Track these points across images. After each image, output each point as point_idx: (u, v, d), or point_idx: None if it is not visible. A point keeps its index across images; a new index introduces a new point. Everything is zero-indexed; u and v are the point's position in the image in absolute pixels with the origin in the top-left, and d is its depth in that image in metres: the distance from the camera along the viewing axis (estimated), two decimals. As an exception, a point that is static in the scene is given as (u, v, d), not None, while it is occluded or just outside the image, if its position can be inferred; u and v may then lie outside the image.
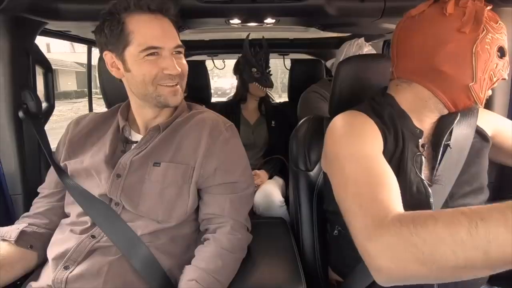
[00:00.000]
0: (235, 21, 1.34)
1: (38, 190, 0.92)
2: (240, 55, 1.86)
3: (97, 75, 1.16)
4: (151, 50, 0.76)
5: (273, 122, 1.88)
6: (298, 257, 0.89)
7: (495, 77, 0.72)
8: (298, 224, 1.01)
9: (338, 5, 1.12)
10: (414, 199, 0.73)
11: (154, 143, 0.83)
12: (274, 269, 0.81)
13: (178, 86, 0.82)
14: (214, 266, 0.74)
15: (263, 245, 0.91)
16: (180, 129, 0.85)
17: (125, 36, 0.76)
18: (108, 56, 0.81)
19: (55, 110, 1.23)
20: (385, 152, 0.73)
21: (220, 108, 1.85)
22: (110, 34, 0.77)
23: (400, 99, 0.79)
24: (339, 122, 0.79)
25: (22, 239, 0.80)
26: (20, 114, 1.00)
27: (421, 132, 0.77)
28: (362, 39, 1.60)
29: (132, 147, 0.85)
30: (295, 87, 2.17)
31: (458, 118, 0.78)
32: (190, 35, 1.89)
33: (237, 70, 1.89)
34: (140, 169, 0.80)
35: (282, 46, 2.35)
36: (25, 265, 0.81)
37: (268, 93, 2.06)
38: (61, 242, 0.78)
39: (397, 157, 0.75)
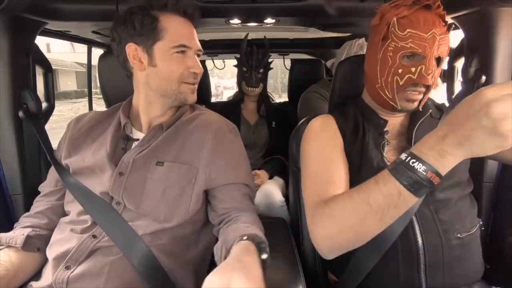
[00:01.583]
0: (235, 21, 1.34)
1: (39, 188, 0.92)
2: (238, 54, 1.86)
3: (97, 75, 1.16)
4: (181, 48, 0.81)
5: (273, 122, 1.88)
6: (298, 257, 0.89)
7: (401, 80, 0.80)
8: (298, 224, 1.01)
9: (338, 5, 1.12)
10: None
11: (157, 142, 0.83)
12: (274, 269, 0.81)
13: (195, 85, 0.87)
14: (252, 224, 0.77)
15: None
16: (184, 128, 0.85)
17: (157, 32, 0.80)
18: (132, 48, 0.82)
19: (55, 110, 1.23)
20: (346, 144, 0.86)
21: (220, 108, 1.85)
22: (140, 28, 0.80)
23: (366, 99, 0.93)
24: (311, 125, 0.91)
25: (28, 243, 0.80)
26: (20, 114, 1.00)
27: (385, 121, 0.88)
28: (363, 39, 1.60)
29: (133, 145, 0.86)
30: (295, 87, 2.16)
31: (427, 114, 0.87)
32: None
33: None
34: (143, 168, 0.80)
35: (282, 46, 2.35)
36: (35, 267, 0.82)
37: (268, 93, 2.06)
38: (62, 242, 0.78)
39: (358, 145, 0.85)
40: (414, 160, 0.56)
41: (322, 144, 0.85)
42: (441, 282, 0.77)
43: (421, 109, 0.84)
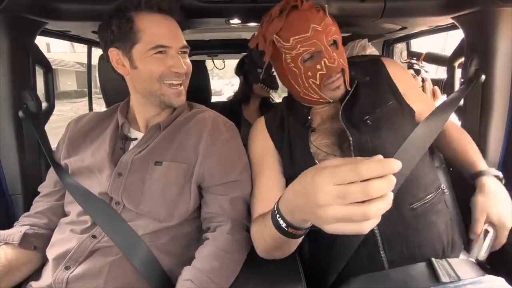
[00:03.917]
0: (235, 21, 1.34)
1: (38, 189, 0.92)
2: (240, 55, 1.85)
3: (97, 75, 1.16)
4: (159, 49, 0.78)
5: (273, 122, 1.87)
6: (298, 257, 0.89)
7: (316, 80, 0.83)
8: (298, 224, 1.00)
9: (338, 5, 1.12)
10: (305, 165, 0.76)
11: (155, 142, 0.83)
12: (274, 269, 0.81)
13: (182, 87, 0.83)
14: (210, 267, 0.74)
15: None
16: (181, 128, 0.85)
17: (134, 34, 0.78)
18: (114, 53, 0.81)
19: (55, 110, 1.23)
20: (275, 142, 0.90)
21: (220, 108, 1.84)
22: (118, 31, 0.78)
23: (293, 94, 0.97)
24: (251, 128, 0.98)
25: (25, 240, 0.80)
26: (20, 114, 1.00)
27: (309, 108, 0.92)
28: (366, 40, 1.59)
29: (132, 145, 0.86)
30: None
31: (352, 89, 0.89)
32: (190, 35, 1.89)
33: (240, 70, 1.87)
34: (141, 168, 0.80)
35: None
36: (31, 266, 0.82)
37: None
38: (62, 242, 0.78)
39: (286, 139, 0.89)
40: (278, 216, 0.57)
41: (254, 151, 0.92)
42: (402, 256, 0.75)
43: (349, 88, 0.88)
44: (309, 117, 0.90)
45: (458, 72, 1.16)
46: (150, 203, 0.79)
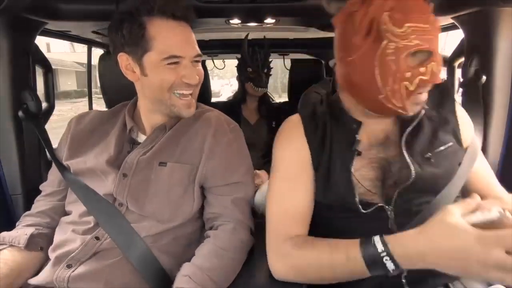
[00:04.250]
0: (235, 21, 1.34)
1: (40, 187, 0.91)
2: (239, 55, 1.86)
3: (97, 75, 1.16)
4: (172, 59, 0.75)
5: (273, 123, 1.88)
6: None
7: (412, 85, 0.65)
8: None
9: (338, 5, 1.11)
10: (346, 202, 0.70)
11: (160, 143, 0.82)
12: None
13: (192, 98, 0.81)
14: (210, 265, 0.73)
15: (263, 245, 0.91)
16: (186, 128, 0.84)
17: (146, 41, 0.74)
18: (124, 58, 0.78)
19: (55, 110, 1.23)
20: (313, 157, 0.74)
21: (220, 108, 1.84)
22: (129, 37, 0.75)
23: (342, 97, 0.78)
24: (283, 128, 0.82)
25: (31, 242, 0.80)
26: (20, 114, 1.00)
27: (359, 124, 0.74)
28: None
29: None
30: (295, 87, 2.16)
31: (421, 115, 0.74)
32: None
33: (237, 70, 1.90)
34: (146, 169, 0.80)
35: (282, 46, 2.34)
36: (37, 265, 0.81)
37: (268, 93, 2.06)
38: (65, 242, 0.78)
39: (324, 159, 0.74)
40: (388, 258, 0.57)
41: (288, 160, 0.77)
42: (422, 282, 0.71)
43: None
44: (357, 137, 0.74)
45: (458, 72, 1.16)
46: (154, 204, 0.78)
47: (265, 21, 1.36)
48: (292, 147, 0.77)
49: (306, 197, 0.74)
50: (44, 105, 1.13)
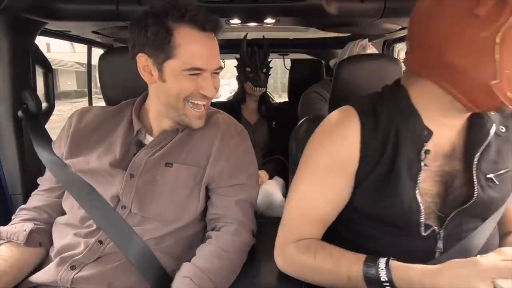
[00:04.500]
0: (235, 21, 1.34)
1: (38, 181, 0.90)
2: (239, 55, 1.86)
3: (97, 75, 1.16)
4: (194, 71, 0.74)
5: (273, 122, 1.88)
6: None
7: None
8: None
9: (338, 5, 1.12)
10: (405, 220, 0.64)
11: (170, 144, 0.82)
12: (274, 270, 0.81)
13: (204, 109, 0.81)
14: (210, 266, 0.73)
15: (264, 245, 0.91)
16: (195, 131, 0.83)
17: (170, 48, 0.72)
18: (143, 59, 0.76)
19: (55, 110, 1.23)
20: (362, 165, 0.65)
21: (220, 108, 1.83)
22: (153, 40, 0.73)
23: (412, 93, 0.65)
24: (326, 122, 0.72)
25: (30, 238, 0.79)
26: (20, 114, 1.00)
27: (429, 133, 0.63)
28: (366, 40, 1.59)
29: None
30: (295, 87, 2.16)
31: (493, 129, 0.65)
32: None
33: (237, 70, 1.90)
34: (153, 170, 0.79)
35: (282, 46, 2.35)
36: (36, 261, 0.81)
37: (268, 93, 2.06)
38: (68, 247, 0.77)
39: (383, 166, 0.64)
40: (388, 286, 0.56)
41: (326, 158, 0.67)
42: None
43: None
44: (426, 145, 0.63)
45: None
46: (159, 205, 0.78)
47: (265, 21, 1.36)
48: (338, 144, 0.66)
49: (334, 203, 0.68)
50: (44, 105, 1.13)
